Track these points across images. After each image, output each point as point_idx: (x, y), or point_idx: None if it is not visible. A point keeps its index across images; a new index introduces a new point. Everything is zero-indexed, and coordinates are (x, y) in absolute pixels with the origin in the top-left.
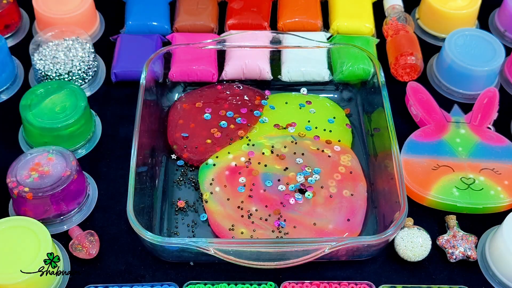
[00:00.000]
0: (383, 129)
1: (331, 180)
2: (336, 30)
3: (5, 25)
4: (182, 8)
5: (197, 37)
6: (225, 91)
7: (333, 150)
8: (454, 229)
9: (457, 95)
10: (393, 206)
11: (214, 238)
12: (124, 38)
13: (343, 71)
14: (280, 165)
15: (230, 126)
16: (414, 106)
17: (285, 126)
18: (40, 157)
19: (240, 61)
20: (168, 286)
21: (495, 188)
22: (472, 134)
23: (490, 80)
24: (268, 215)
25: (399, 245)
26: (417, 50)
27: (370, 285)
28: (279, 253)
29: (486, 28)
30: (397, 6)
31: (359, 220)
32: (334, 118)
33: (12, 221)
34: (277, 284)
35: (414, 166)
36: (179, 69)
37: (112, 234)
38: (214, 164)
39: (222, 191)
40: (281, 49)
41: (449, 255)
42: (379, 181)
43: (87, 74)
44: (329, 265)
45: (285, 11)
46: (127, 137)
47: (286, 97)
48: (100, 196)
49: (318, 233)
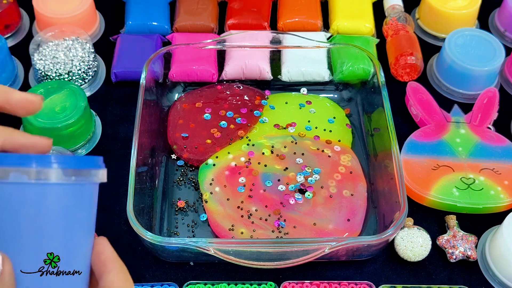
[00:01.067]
0: (383, 129)
1: (331, 180)
2: (336, 30)
3: (5, 25)
4: (182, 8)
5: (197, 37)
6: (225, 91)
7: (333, 150)
8: (454, 229)
9: (457, 95)
10: (393, 206)
11: (214, 238)
12: (124, 38)
13: (343, 71)
14: (280, 165)
15: (230, 126)
16: (414, 106)
17: (285, 126)
18: None
19: (240, 61)
20: (168, 286)
21: (495, 188)
22: (472, 134)
23: (490, 80)
24: (268, 215)
25: (399, 245)
26: (417, 50)
27: (370, 285)
28: (279, 253)
29: (486, 28)
30: (397, 6)
31: (359, 220)
32: (334, 118)
33: None
34: (277, 284)
35: (414, 166)
36: (179, 69)
37: (112, 234)
38: (214, 164)
39: (222, 191)
40: (281, 49)
41: (449, 255)
42: (379, 181)
43: (87, 74)
44: (329, 265)
45: (285, 11)
46: (127, 137)
47: (286, 97)
48: (100, 196)
49: (318, 233)
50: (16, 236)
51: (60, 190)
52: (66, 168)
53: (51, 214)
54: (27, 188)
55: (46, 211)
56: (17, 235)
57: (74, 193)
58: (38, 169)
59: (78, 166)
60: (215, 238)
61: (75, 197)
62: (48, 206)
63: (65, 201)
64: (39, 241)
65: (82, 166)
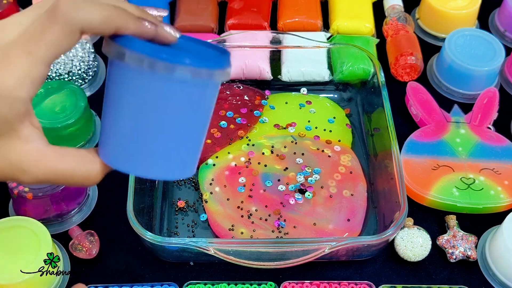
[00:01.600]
0: (383, 129)
1: (331, 180)
2: (336, 30)
3: None
4: (182, 8)
5: (197, 37)
6: (225, 91)
7: (333, 150)
8: (454, 229)
9: (457, 95)
10: (393, 206)
11: (214, 238)
12: None
13: (343, 71)
14: (280, 165)
15: (230, 126)
16: (414, 106)
17: (285, 126)
18: None
19: (240, 61)
20: (168, 286)
21: (495, 188)
22: (472, 134)
23: (490, 80)
24: (268, 215)
25: (399, 245)
26: (417, 50)
27: (370, 285)
28: (279, 253)
29: (486, 28)
30: (397, 6)
31: (359, 220)
32: (334, 118)
33: (12, 221)
34: (277, 284)
35: (414, 166)
36: None
37: (112, 234)
38: (214, 164)
39: (222, 191)
40: (281, 49)
41: (449, 255)
42: (379, 181)
43: (87, 74)
44: (329, 265)
45: (285, 11)
46: None
47: (286, 97)
48: (100, 196)
49: (318, 233)
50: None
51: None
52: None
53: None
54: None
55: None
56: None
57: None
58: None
59: (220, 66)
60: (215, 238)
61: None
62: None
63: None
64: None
65: (222, 66)
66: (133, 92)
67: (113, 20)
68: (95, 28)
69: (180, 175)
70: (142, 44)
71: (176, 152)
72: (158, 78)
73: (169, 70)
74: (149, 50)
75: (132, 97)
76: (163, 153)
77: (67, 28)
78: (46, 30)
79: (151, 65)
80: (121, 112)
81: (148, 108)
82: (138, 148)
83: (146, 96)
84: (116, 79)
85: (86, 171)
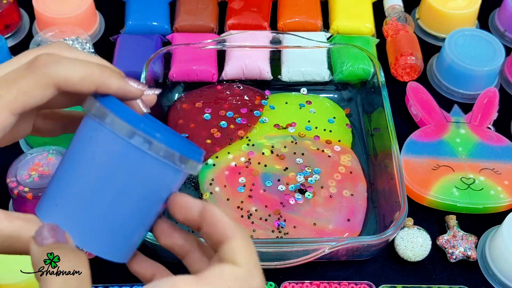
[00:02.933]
0: (383, 129)
1: (331, 180)
2: (336, 30)
3: (5, 25)
4: (182, 8)
5: (197, 37)
6: (225, 91)
7: (333, 150)
8: (454, 229)
9: (457, 95)
10: (393, 206)
11: None
12: (124, 38)
13: (343, 71)
14: (280, 165)
15: (230, 126)
16: (414, 106)
17: (285, 126)
18: (40, 157)
19: (240, 61)
20: None
21: (495, 188)
22: (472, 134)
23: (490, 80)
24: (268, 215)
25: (399, 245)
26: (417, 50)
27: (370, 285)
28: (279, 253)
29: (486, 28)
30: (397, 6)
31: (359, 220)
32: (334, 118)
33: None
34: (277, 284)
35: (414, 166)
36: (179, 69)
37: None
38: (214, 164)
39: (222, 191)
40: (281, 49)
41: (449, 255)
42: (379, 181)
43: None
44: (329, 265)
45: (285, 11)
46: None
47: (286, 97)
48: None
49: (318, 233)
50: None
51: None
52: (184, 157)
53: (147, 185)
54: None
55: (146, 181)
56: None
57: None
58: (162, 146)
59: (191, 156)
60: None
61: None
62: (150, 179)
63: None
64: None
65: (194, 158)
66: (102, 155)
67: (95, 79)
68: (74, 84)
69: (109, 255)
70: (125, 109)
71: (114, 227)
72: (131, 147)
73: (146, 143)
74: (132, 118)
75: (99, 159)
76: (99, 223)
77: (42, 80)
78: (20, 78)
79: (131, 135)
80: (81, 168)
81: (108, 172)
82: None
83: (114, 160)
84: (91, 137)
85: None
